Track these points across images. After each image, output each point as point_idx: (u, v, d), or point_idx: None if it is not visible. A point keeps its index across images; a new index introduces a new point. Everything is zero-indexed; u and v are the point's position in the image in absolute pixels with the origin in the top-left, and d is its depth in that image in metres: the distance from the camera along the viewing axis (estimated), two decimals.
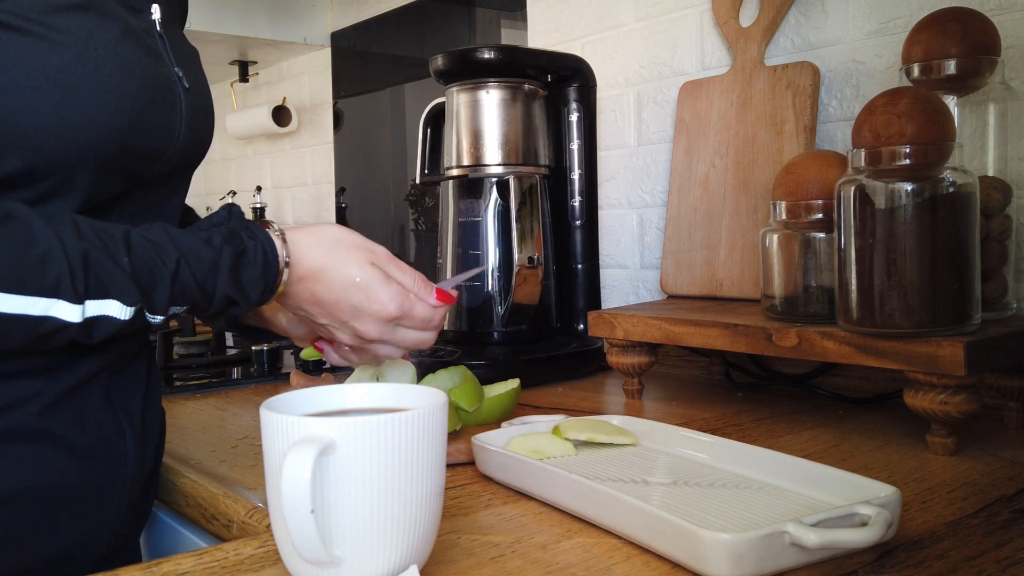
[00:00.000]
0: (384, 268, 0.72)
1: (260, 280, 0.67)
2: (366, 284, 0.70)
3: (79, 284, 0.60)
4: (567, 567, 0.55)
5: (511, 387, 0.89)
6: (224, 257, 0.66)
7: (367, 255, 0.71)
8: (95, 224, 0.62)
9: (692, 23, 1.28)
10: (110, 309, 0.61)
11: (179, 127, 0.74)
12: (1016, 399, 0.86)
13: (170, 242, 0.64)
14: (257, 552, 0.59)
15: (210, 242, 0.66)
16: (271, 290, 0.68)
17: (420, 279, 0.74)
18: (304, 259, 0.69)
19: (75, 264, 0.59)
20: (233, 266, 0.66)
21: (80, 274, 0.60)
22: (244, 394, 1.20)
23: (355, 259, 0.70)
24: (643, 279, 1.36)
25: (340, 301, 0.70)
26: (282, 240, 0.69)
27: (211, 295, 0.66)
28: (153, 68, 0.71)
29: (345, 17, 2.08)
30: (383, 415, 0.48)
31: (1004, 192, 0.85)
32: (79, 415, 0.70)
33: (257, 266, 0.67)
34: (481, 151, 1.20)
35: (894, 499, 0.56)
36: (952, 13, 0.86)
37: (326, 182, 2.20)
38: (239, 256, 0.66)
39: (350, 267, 0.70)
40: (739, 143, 1.15)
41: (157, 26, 0.75)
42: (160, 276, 0.63)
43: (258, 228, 0.69)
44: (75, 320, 0.60)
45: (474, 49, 1.18)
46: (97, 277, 0.60)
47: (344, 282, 0.70)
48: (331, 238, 0.71)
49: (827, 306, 0.88)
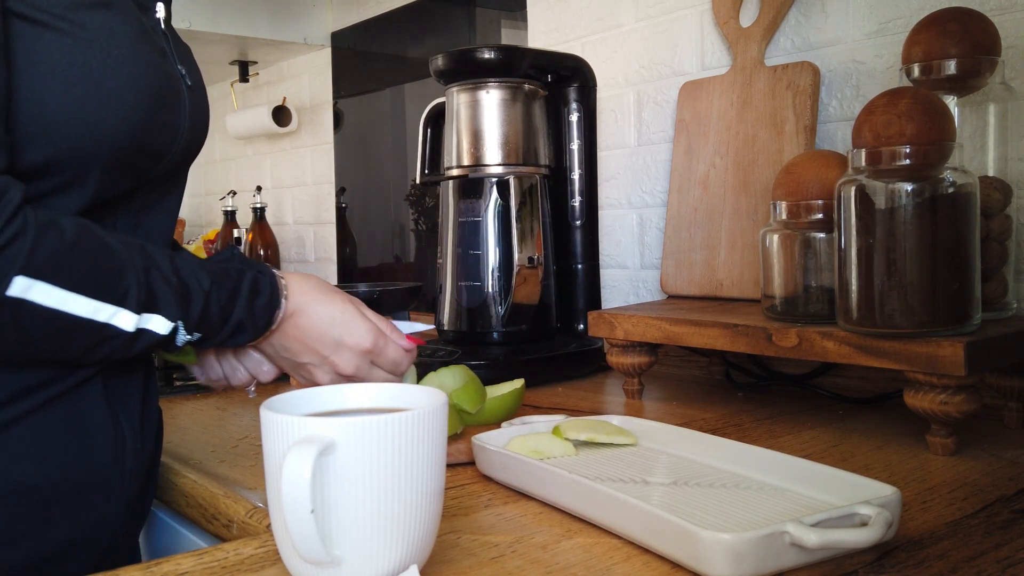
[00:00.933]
0: (359, 308, 0.78)
1: (268, 309, 0.73)
2: (346, 319, 0.76)
3: (142, 295, 0.64)
4: (567, 567, 0.55)
5: (515, 387, 0.89)
6: (245, 284, 0.72)
7: (345, 296, 0.78)
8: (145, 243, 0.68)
9: (692, 23, 1.28)
10: (154, 324, 0.66)
11: (183, 124, 0.75)
12: (1016, 399, 0.86)
13: (202, 267, 0.70)
14: (257, 552, 0.59)
15: (228, 272, 0.72)
16: (272, 320, 0.74)
17: (390, 324, 0.81)
18: (295, 293, 0.75)
19: (141, 277, 0.65)
20: (251, 293, 0.72)
21: (144, 287, 0.65)
22: (244, 394, 1.20)
23: (336, 297, 0.77)
24: (643, 279, 1.36)
25: (323, 335, 0.76)
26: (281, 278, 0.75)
27: (227, 319, 0.71)
28: (164, 66, 0.72)
29: (345, 17, 2.08)
30: (383, 415, 0.48)
31: (1004, 192, 0.85)
32: (78, 413, 0.70)
33: (265, 296, 0.73)
34: (481, 151, 1.20)
35: (894, 499, 0.56)
36: (952, 13, 0.86)
37: (326, 182, 2.20)
38: (254, 286, 0.72)
39: (332, 304, 0.76)
40: (739, 143, 1.15)
41: (162, 24, 0.76)
42: (195, 296, 0.68)
43: (263, 265, 0.75)
44: (129, 330, 0.64)
45: (474, 49, 1.18)
46: (152, 292, 0.65)
47: (326, 316, 0.76)
48: (315, 280, 0.78)
49: (827, 306, 0.88)
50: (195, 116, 0.77)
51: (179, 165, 0.77)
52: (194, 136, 0.78)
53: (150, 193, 0.76)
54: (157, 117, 0.71)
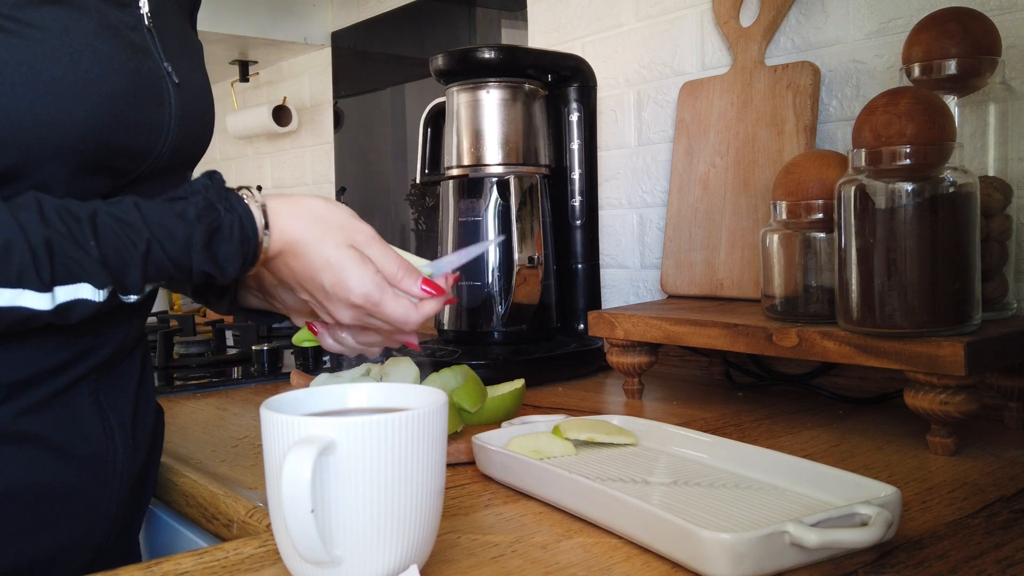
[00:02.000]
0: (364, 250, 0.68)
1: (238, 254, 0.65)
2: (338, 265, 0.67)
3: (44, 272, 0.59)
4: (567, 567, 0.55)
5: (515, 387, 0.89)
6: (197, 234, 0.63)
7: (347, 235, 0.68)
8: (61, 205, 0.61)
9: (692, 23, 1.28)
10: (83, 292, 0.61)
11: (168, 124, 0.72)
12: (1016, 399, 0.86)
13: (141, 221, 0.62)
14: (257, 552, 0.59)
15: (184, 216, 0.64)
16: (251, 262, 0.67)
17: (404, 267, 0.69)
18: (283, 231, 0.67)
19: (39, 252, 0.58)
20: (207, 243, 0.64)
21: (45, 262, 0.59)
22: (244, 394, 1.20)
23: (332, 238, 0.67)
24: (643, 279, 1.36)
25: (313, 279, 0.68)
26: (262, 211, 0.66)
27: (187, 270, 0.65)
28: (136, 63, 0.69)
29: (345, 17, 2.08)
30: (383, 415, 0.48)
31: (1004, 192, 0.85)
32: (66, 416, 0.69)
33: (234, 241, 0.65)
34: (481, 151, 1.20)
35: (894, 499, 0.56)
36: (952, 13, 0.86)
37: (326, 182, 2.20)
38: (213, 232, 0.64)
39: (326, 245, 0.67)
40: (739, 143, 1.15)
41: (146, 20, 0.72)
42: (131, 258, 0.62)
43: (236, 199, 0.66)
44: (45, 307, 0.60)
45: (474, 49, 1.18)
46: (63, 264, 0.59)
47: (318, 260, 0.67)
48: (313, 212, 0.68)
49: (827, 306, 0.88)
50: (185, 115, 0.74)
51: (171, 165, 0.75)
52: (187, 136, 0.75)
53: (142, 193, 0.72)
54: (129, 116, 0.68)
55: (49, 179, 0.64)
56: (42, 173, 0.64)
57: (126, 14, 0.71)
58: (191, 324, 1.64)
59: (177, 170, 0.77)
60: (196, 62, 0.80)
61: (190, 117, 0.75)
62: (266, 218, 0.66)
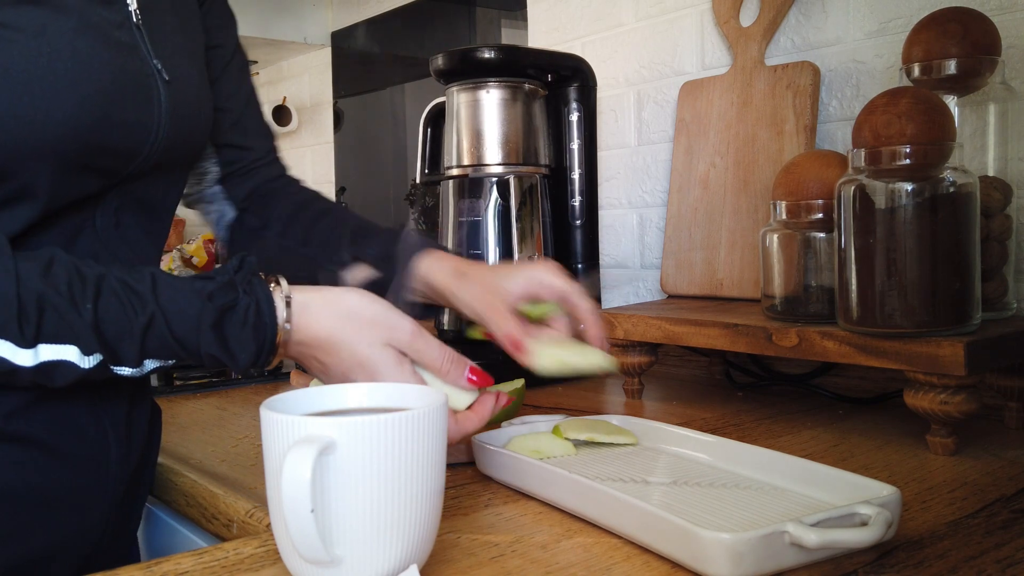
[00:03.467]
0: (404, 349, 0.64)
1: (251, 341, 0.61)
2: (372, 367, 0.63)
3: (28, 328, 0.57)
4: (567, 567, 0.55)
5: (515, 387, 0.89)
6: (207, 312, 0.60)
7: (382, 332, 0.63)
8: (72, 264, 0.60)
9: (692, 23, 1.28)
10: (69, 355, 0.59)
11: (157, 122, 0.71)
12: (1016, 399, 0.86)
13: (151, 292, 0.60)
14: (257, 552, 0.59)
15: (199, 293, 0.61)
16: (267, 353, 0.62)
17: (451, 357, 0.65)
18: (310, 327, 0.63)
19: (28, 306, 0.57)
20: (216, 323, 0.61)
21: (32, 317, 0.57)
22: (244, 394, 1.20)
23: (366, 336, 0.63)
24: (643, 279, 1.36)
25: (346, 377, 0.64)
26: (285, 302, 0.62)
27: (195, 351, 0.61)
28: (120, 62, 0.68)
29: (345, 17, 2.08)
30: (383, 415, 0.48)
31: (1004, 192, 0.85)
32: (58, 417, 0.69)
33: (248, 326, 0.61)
34: (481, 151, 1.20)
35: (894, 499, 0.56)
36: (952, 13, 0.86)
37: (326, 182, 2.20)
38: (225, 311, 0.61)
39: (359, 344, 0.63)
40: (739, 143, 1.15)
41: (134, 17, 0.71)
42: (128, 328, 0.59)
43: (260, 284, 0.63)
44: (27, 363, 0.58)
45: (474, 49, 1.18)
46: (52, 322, 0.58)
47: (350, 360, 0.63)
48: (346, 308, 0.64)
49: (827, 306, 0.88)
50: (177, 113, 0.72)
51: (164, 164, 0.73)
52: (179, 133, 0.73)
53: (134, 192, 0.72)
54: (113, 115, 0.66)
55: (33, 179, 0.64)
56: (25, 173, 0.63)
57: (112, 12, 0.69)
58: None
59: (173, 167, 0.77)
60: (194, 58, 0.79)
61: (182, 115, 0.74)
62: (289, 311, 0.62)
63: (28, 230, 0.66)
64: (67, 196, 0.67)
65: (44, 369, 0.59)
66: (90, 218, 0.70)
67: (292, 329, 0.63)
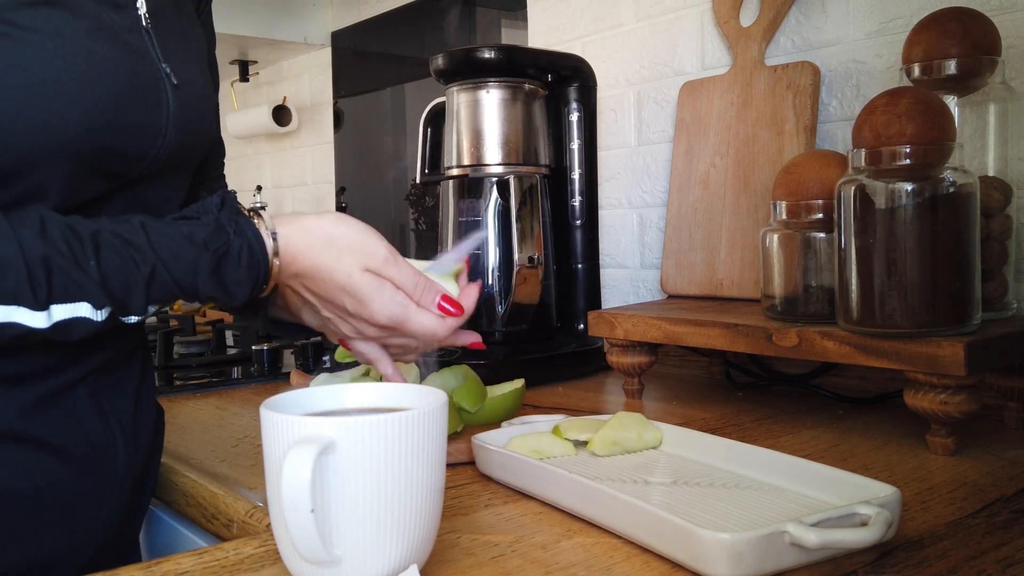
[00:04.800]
0: (381, 272, 0.69)
1: (247, 280, 0.66)
2: (356, 291, 0.68)
3: (40, 291, 0.58)
4: (567, 567, 0.55)
5: (515, 387, 0.89)
6: (204, 259, 0.64)
7: (360, 258, 0.68)
8: (64, 223, 0.61)
9: (692, 23, 1.28)
10: (82, 311, 0.60)
11: (165, 125, 0.71)
12: (1016, 399, 0.86)
13: (147, 243, 0.62)
14: (257, 552, 0.59)
15: (192, 239, 0.64)
16: (260, 287, 0.67)
17: (422, 284, 0.70)
18: (295, 258, 0.67)
19: (36, 270, 0.58)
20: (215, 268, 0.64)
21: (42, 280, 0.58)
22: (244, 394, 1.20)
23: (345, 264, 0.68)
24: (643, 279, 1.36)
25: (334, 300, 0.69)
26: (272, 237, 0.67)
27: (194, 294, 0.65)
28: (132, 65, 0.68)
29: (345, 17, 2.08)
30: (383, 415, 0.48)
31: (1004, 192, 0.85)
32: (66, 417, 0.69)
33: (243, 266, 0.65)
34: (481, 151, 1.20)
35: (894, 499, 0.56)
36: (952, 13, 0.86)
37: (326, 182, 2.20)
38: (222, 257, 0.64)
39: (340, 271, 0.68)
40: (739, 143, 1.15)
41: (143, 21, 0.71)
42: (134, 281, 0.62)
43: (247, 223, 0.66)
44: (41, 325, 0.59)
45: (474, 49, 1.18)
46: (61, 283, 0.59)
47: (335, 284, 0.68)
48: (325, 235, 0.68)
49: (827, 306, 0.88)
50: (183, 116, 0.73)
51: (170, 167, 0.74)
52: (185, 136, 0.73)
53: (141, 194, 0.73)
54: (124, 118, 0.67)
55: (45, 182, 0.64)
56: (37, 176, 0.64)
57: (122, 15, 0.69)
58: (191, 324, 1.64)
59: (178, 170, 0.77)
60: (198, 62, 0.79)
61: (189, 118, 0.74)
62: (276, 244, 0.67)
63: None
64: (76, 198, 0.67)
65: (60, 327, 0.60)
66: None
67: (281, 259, 0.67)
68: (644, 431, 0.75)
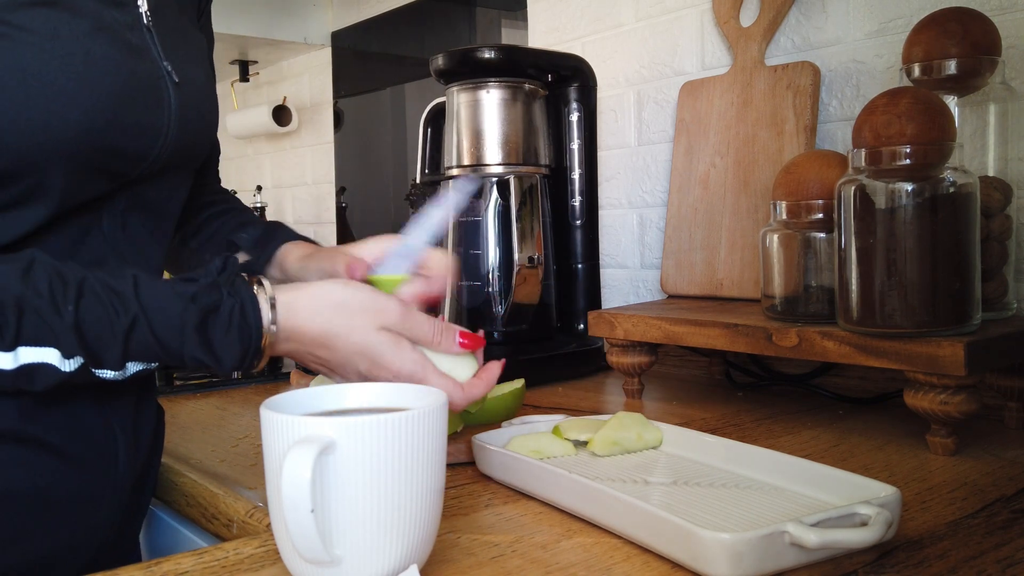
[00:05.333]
0: (397, 329, 0.66)
1: (237, 344, 0.61)
2: (373, 351, 0.64)
3: (7, 330, 0.57)
4: (567, 567, 0.55)
5: (515, 387, 0.89)
6: (190, 313, 0.60)
7: (374, 318, 0.65)
8: (53, 267, 0.59)
9: (692, 23, 1.28)
10: (49, 358, 0.58)
11: (167, 125, 0.71)
12: (1016, 399, 0.86)
13: (133, 294, 0.60)
14: (257, 552, 0.59)
15: (181, 294, 0.61)
16: (253, 356, 0.62)
17: (439, 328, 0.67)
18: (301, 326, 0.63)
19: (7, 309, 0.57)
20: (200, 324, 0.60)
21: (12, 320, 0.57)
22: (244, 394, 1.20)
23: (359, 324, 0.64)
24: (643, 279, 1.36)
25: (345, 367, 0.65)
26: (270, 304, 0.62)
27: (178, 354, 0.61)
28: (132, 64, 0.68)
29: (345, 17, 2.08)
30: (383, 415, 0.48)
31: (1004, 192, 0.85)
32: (67, 418, 0.69)
33: (233, 328, 0.61)
34: (481, 151, 1.20)
35: (894, 499, 0.56)
36: (952, 13, 0.86)
37: (326, 182, 2.20)
38: (209, 313, 0.61)
39: (353, 334, 0.64)
40: (739, 143, 1.15)
41: (145, 19, 0.71)
42: (110, 331, 0.59)
43: (244, 285, 0.63)
44: (6, 367, 0.58)
45: (474, 49, 1.18)
46: (32, 325, 0.57)
47: (348, 350, 0.64)
48: (334, 301, 0.64)
49: (827, 306, 0.88)
50: (185, 115, 0.72)
51: (172, 166, 0.74)
52: (186, 135, 0.73)
53: (142, 194, 0.72)
54: (125, 118, 0.66)
55: (45, 181, 0.64)
56: (38, 176, 0.63)
57: (124, 14, 0.69)
58: None
59: (179, 170, 0.77)
60: (199, 61, 0.79)
61: (190, 117, 0.74)
62: (274, 312, 0.63)
63: (36, 231, 0.66)
64: (77, 198, 0.67)
65: (24, 372, 0.58)
66: (97, 220, 0.70)
67: (279, 330, 0.63)
68: (644, 431, 0.75)
